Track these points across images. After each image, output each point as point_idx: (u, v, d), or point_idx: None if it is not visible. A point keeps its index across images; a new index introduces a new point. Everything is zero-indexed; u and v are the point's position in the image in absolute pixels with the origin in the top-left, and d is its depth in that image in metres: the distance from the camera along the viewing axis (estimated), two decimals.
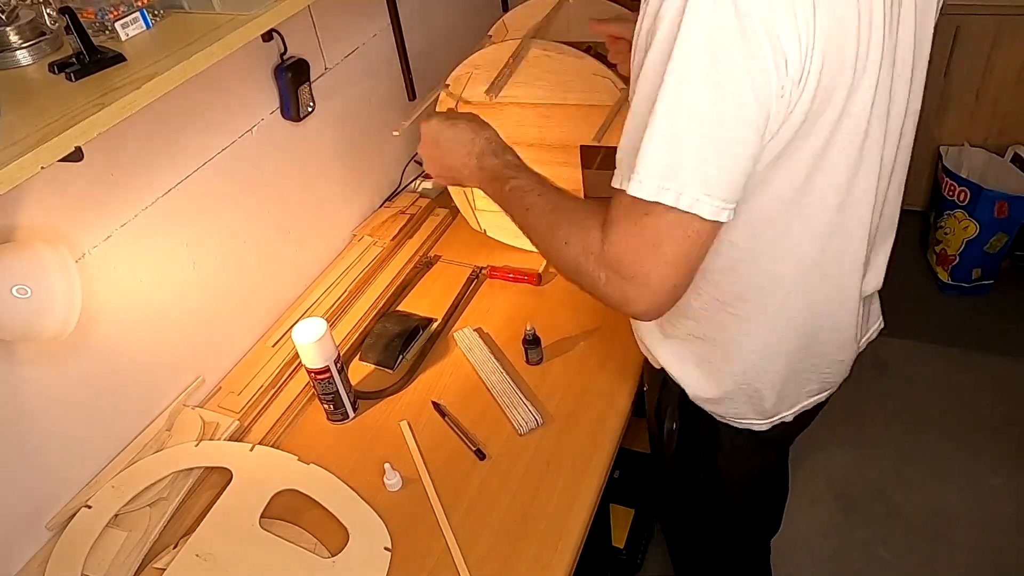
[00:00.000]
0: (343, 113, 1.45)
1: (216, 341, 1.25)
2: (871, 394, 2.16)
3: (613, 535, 1.63)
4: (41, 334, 0.89)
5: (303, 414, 1.20)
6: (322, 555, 0.98)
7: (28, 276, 0.87)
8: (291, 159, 1.34)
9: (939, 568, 1.77)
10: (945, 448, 2.01)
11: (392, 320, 1.32)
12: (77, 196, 0.98)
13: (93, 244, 1.02)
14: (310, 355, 1.10)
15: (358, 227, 1.54)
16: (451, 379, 1.23)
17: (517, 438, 1.11)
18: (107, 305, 1.05)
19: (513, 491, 1.04)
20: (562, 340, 1.26)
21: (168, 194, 1.11)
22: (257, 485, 1.06)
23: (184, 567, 0.97)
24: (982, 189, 2.24)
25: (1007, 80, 2.31)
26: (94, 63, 0.80)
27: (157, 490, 1.06)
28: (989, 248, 2.32)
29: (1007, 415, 2.06)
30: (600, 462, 1.06)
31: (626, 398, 1.15)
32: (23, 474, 1.00)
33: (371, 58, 1.50)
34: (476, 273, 1.42)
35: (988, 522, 1.84)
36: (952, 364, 2.21)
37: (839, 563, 1.80)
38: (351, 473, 1.08)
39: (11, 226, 0.92)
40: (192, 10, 0.91)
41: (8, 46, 0.83)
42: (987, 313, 2.36)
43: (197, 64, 0.82)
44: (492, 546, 0.97)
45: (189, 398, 1.20)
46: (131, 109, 0.76)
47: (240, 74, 1.19)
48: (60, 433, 1.03)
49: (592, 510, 1.01)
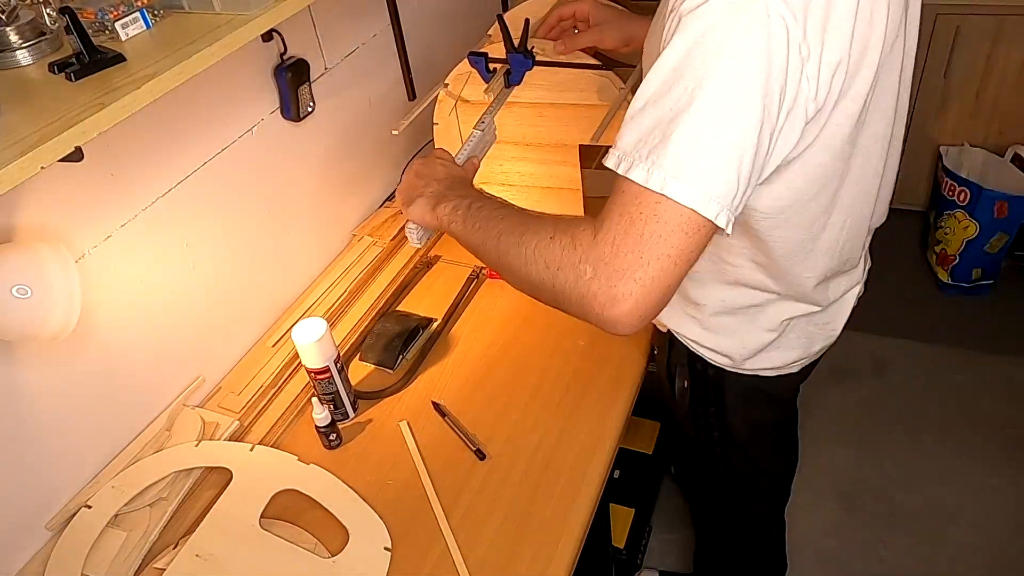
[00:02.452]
0: (343, 113, 1.45)
1: (216, 341, 1.25)
2: (871, 394, 2.16)
3: (613, 535, 1.63)
4: (41, 334, 0.89)
5: (303, 414, 1.20)
6: (322, 555, 0.98)
7: (28, 276, 0.87)
8: (291, 159, 1.34)
9: (939, 568, 1.77)
10: (945, 448, 2.01)
11: (392, 320, 1.32)
12: (77, 196, 0.98)
13: (93, 244, 1.02)
14: (310, 355, 1.10)
15: (358, 227, 1.54)
16: (451, 379, 1.23)
17: (517, 438, 1.11)
18: (107, 305, 1.05)
19: (513, 491, 1.04)
20: (562, 340, 1.26)
21: (168, 194, 1.11)
22: (257, 485, 1.06)
23: (184, 567, 0.97)
24: (982, 189, 2.24)
25: (1007, 80, 2.31)
26: (94, 63, 0.79)
27: (157, 490, 1.06)
28: (989, 248, 2.32)
29: (1007, 415, 2.06)
30: (600, 462, 1.06)
31: (626, 398, 1.15)
32: (23, 474, 1.00)
33: (371, 58, 1.50)
34: (476, 273, 1.42)
35: (988, 522, 1.84)
36: (952, 364, 2.21)
37: (839, 563, 1.80)
38: (351, 473, 1.08)
39: (11, 226, 0.92)
40: (192, 10, 0.91)
41: (8, 46, 0.83)
42: (987, 313, 2.36)
43: (197, 64, 0.82)
44: (492, 546, 0.97)
45: (189, 398, 1.20)
46: (131, 109, 0.76)
47: (240, 74, 1.19)
48: (60, 433, 1.03)
49: (592, 510, 1.01)
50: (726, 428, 1.16)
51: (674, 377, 1.14)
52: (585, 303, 0.72)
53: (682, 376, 1.13)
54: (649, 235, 0.68)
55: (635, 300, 0.69)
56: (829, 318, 1.05)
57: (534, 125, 1.33)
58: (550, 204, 1.41)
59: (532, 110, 1.31)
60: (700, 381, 1.11)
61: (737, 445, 1.19)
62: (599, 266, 0.70)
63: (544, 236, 0.76)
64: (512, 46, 1.22)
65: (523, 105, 1.31)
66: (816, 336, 1.05)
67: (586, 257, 0.71)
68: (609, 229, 0.70)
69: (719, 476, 1.28)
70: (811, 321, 1.03)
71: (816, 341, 1.06)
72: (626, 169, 0.69)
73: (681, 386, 1.14)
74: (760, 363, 1.05)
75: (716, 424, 1.16)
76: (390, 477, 1.08)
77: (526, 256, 0.77)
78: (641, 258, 0.68)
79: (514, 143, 1.36)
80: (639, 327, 0.71)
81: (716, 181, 0.66)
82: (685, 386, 1.13)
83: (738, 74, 0.65)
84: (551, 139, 1.33)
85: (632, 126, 0.70)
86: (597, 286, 0.70)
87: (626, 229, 0.68)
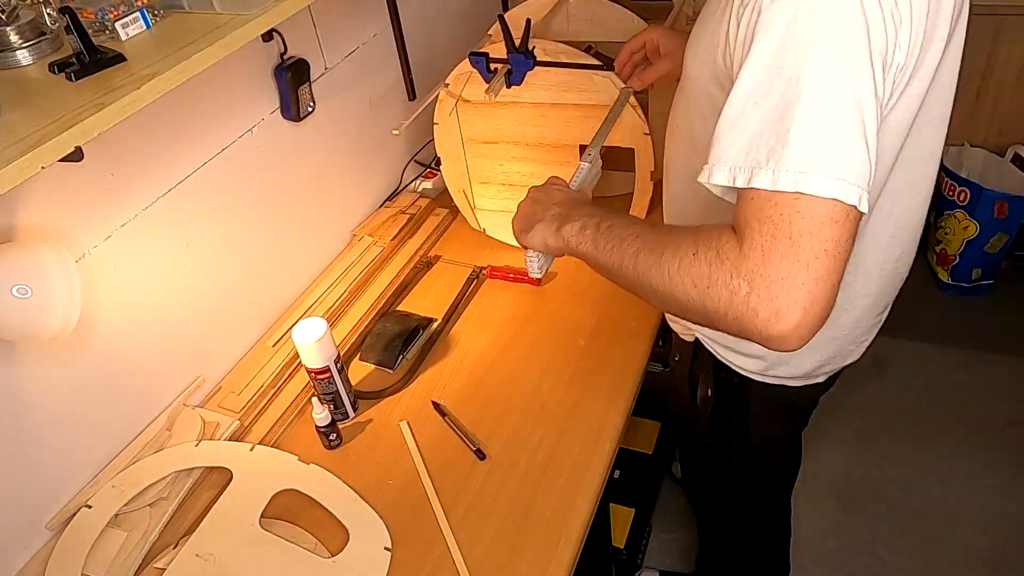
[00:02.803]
0: (343, 113, 1.45)
1: (216, 341, 1.25)
2: (871, 394, 2.16)
3: (613, 535, 1.63)
4: (41, 334, 0.89)
5: (303, 414, 1.20)
6: (322, 555, 0.98)
7: (28, 276, 0.87)
8: (291, 159, 1.34)
9: (939, 568, 1.77)
10: (945, 448, 2.01)
11: (392, 320, 1.32)
12: (77, 196, 0.98)
13: (93, 244, 1.02)
14: (310, 355, 1.10)
15: (358, 227, 1.54)
16: (451, 379, 1.23)
17: (517, 438, 1.11)
18: (107, 305, 1.05)
19: (513, 491, 1.04)
20: (562, 340, 1.26)
21: (168, 194, 1.11)
22: (257, 485, 1.06)
23: (184, 567, 0.97)
24: (982, 189, 2.24)
25: (1007, 80, 2.31)
26: (94, 63, 0.79)
27: (157, 490, 1.06)
28: (989, 248, 2.32)
29: (1007, 415, 2.06)
30: (600, 462, 1.06)
31: (626, 398, 1.15)
32: (23, 474, 1.00)
33: (371, 58, 1.50)
34: (476, 273, 1.42)
35: (988, 522, 1.84)
36: (952, 364, 2.21)
37: (839, 562, 1.80)
38: (351, 473, 1.08)
39: (11, 226, 0.92)
40: (192, 10, 0.91)
41: (8, 46, 0.83)
42: (987, 313, 2.36)
43: (197, 64, 0.82)
44: (492, 546, 0.97)
45: (189, 398, 1.20)
46: (131, 109, 0.76)
47: (240, 74, 1.19)
48: (60, 433, 1.03)
49: (592, 510, 1.01)
50: (745, 437, 1.15)
51: (696, 385, 1.12)
52: (745, 321, 0.65)
53: (705, 384, 1.10)
54: (799, 234, 0.62)
55: (802, 309, 0.62)
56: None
57: (535, 125, 1.33)
58: None
59: (533, 110, 1.31)
60: (724, 390, 1.09)
61: (753, 453, 1.18)
62: (754, 279, 0.64)
63: (686, 252, 0.69)
64: (513, 46, 1.22)
65: (524, 105, 1.31)
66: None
67: (736, 271, 0.65)
68: (753, 239, 0.64)
69: (731, 482, 1.27)
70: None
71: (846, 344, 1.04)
72: (746, 181, 0.64)
73: (704, 394, 1.11)
74: (788, 370, 1.03)
75: (735, 432, 1.14)
76: (390, 477, 1.08)
77: (669, 276, 0.71)
78: (798, 261, 0.62)
79: (515, 143, 1.36)
80: (810, 339, 0.64)
81: (848, 164, 0.62)
82: (708, 394, 1.11)
83: (841, 51, 0.62)
84: (552, 139, 1.33)
85: (734, 135, 0.66)
86: (756, 301, 0.64)
87: (772, 234, 0.63)
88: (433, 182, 1.62)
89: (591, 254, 0.82)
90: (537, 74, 1.25)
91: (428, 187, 1.62)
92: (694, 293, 0.68)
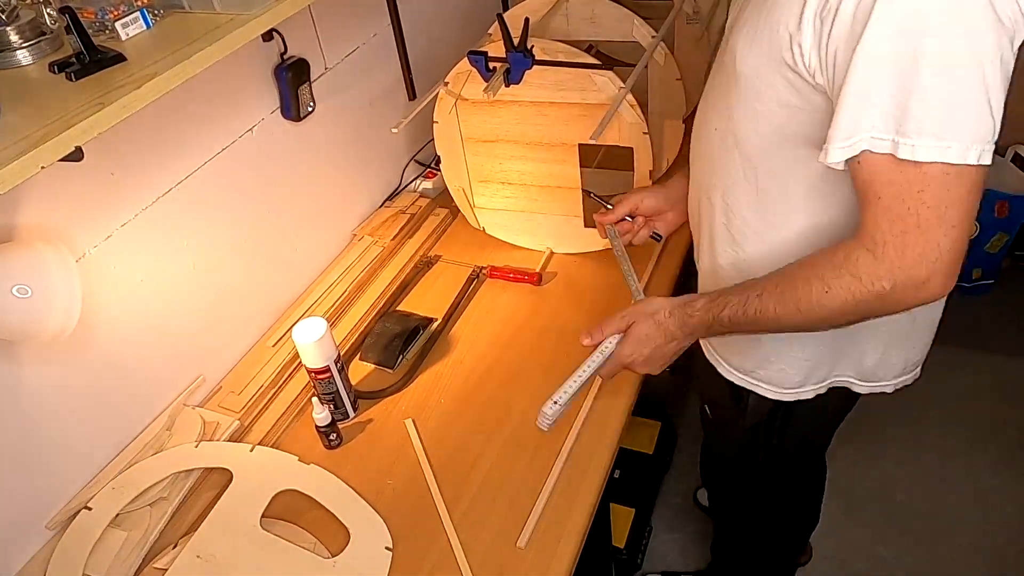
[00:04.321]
0: (343, 113, 1.45)
1: (216, 341, 1.25)
2: (871, 394, 2.15)
3: (613, 535, 1.63)
4: (41, 334, 0.89)
5: (303, 414, 1.20)
6: (323, 555, 0.98)
7: (28, 276, 0.86)
8: (291, 159, 1.34)
9: (939, 568, 1.77)
10: (945, 448, 2.01)
11: (392, 320, 1.32)
12: (77, 196, 0.98)
13: (93, 244, 1.02)
14: (310, 355, 1.10)
15: (358, 227, 1.54)
16: (451, 379, 1.23)
17: (517, 438, 1.11)
18: (107, 305, 1.05)
19: (514, 491, 1.04)
20: (562, 340, 1.26)
21: (168, 194, 1.11)
22: (257, 485, 1.06)
23: (185, 567, 0.97)
24: None
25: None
26: (94, 63, 0.79)
27: (157, 490, 1.06)
28: (989, 248, 2.32)
29: (1007, 415, 2.06)
30: (600, 462, 1.06)
31: (626, 398, 1.15)
32: (23, 474, 1.00)
33: (371, 58, 1.50)
34: (476, 273, 1.42)
35: (988, 522, 1.84)
36: (952, 364, 2.21)
37: (839, 562, 1.80)
38: (351, 473, 1.08)
39: (11, 226, 0.92)
40: (192, 10, 0.91)
41: (8, 46, 0.83)
42: (987, 313, 2.36)
43: (197, 64, 0.82)
44: (493, 546, 0.97)
45: (189, 398, 1.20)
46: (131, 109, 0.76)
47: (240, 74, 1.19)
48: (60, 433, 1.03)
49: (592, 510, 1.01)
50: (783, 452, 1.17)
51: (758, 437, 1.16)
52: (897, 306, 0.73)
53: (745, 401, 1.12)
54: (925, 219, 0.67)
55: (942, 273, 0.70)
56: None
57: (534, 124, 1.32)
58: (549, 203, 1.41)
59: (532, 109, 1.31)
60: (765, 408, 1.11)
61: (786, 464, 1.21)
62: (894, 274, 0.70)
63: (818, 291, 0.76)
64: (512, 45, 1.22)
65: (523, 104, 1.31)
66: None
67: (876, 277, 0.71)
68: (883, 234, 0.70)
69: (758, 490, 1.29)
70: None
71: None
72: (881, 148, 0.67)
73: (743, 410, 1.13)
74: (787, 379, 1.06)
75: (777, 444, 1.17)
76: (390, 476, 1.08)
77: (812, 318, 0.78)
78: (928, 242, 0.68)
79: (514, 141, 1.36)
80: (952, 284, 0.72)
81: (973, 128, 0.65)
82: (748, 410, 1.12)
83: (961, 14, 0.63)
84: (551, 138, 1.33)
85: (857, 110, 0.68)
86: (901, 291, 0.71)
87: (902, 228, 0.68)
88: (433, 182, 1.62)
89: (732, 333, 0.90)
90: (536, 73, 1.25)
91: (428, 187, 1.62)
92: (841, 319, 0.77)
